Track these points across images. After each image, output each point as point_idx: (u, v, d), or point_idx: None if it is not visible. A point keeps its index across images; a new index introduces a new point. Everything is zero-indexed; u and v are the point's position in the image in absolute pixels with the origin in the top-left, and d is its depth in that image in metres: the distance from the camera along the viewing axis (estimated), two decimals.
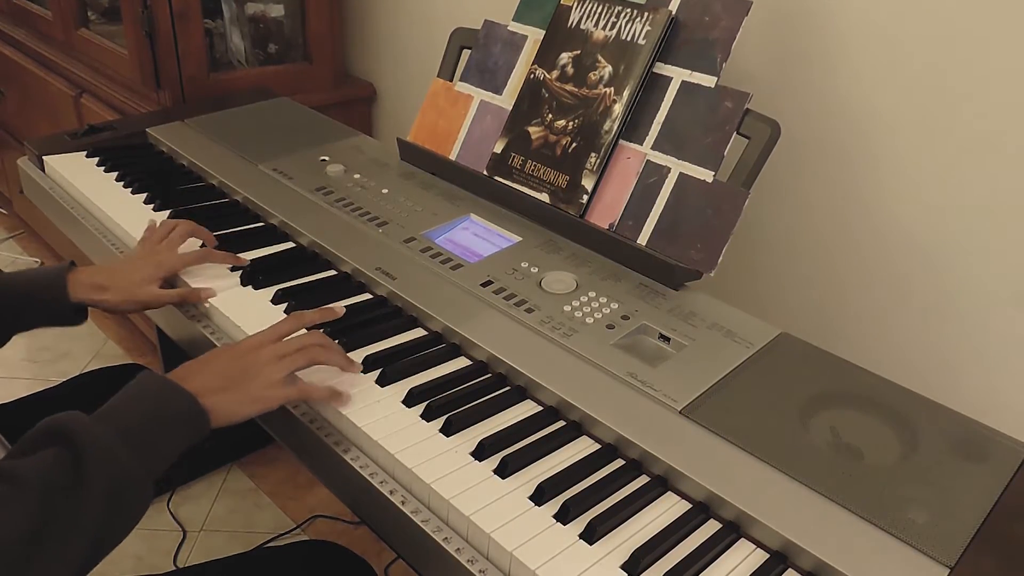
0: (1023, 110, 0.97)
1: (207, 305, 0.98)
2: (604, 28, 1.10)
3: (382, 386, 0.85)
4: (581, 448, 0.80)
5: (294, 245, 1.12)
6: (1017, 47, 0.95)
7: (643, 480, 0.76)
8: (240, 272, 1.03)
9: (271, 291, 1.00)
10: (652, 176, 1.04)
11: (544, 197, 1.12)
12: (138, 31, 1.54)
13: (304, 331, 0.87)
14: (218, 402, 0.74)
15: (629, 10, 1.08)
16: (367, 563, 0.93)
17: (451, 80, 1.27)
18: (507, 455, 0.76)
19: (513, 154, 1.16)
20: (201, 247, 1.06)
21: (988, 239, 1.04)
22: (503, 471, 0.75)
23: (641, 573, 0.66)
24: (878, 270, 1.15)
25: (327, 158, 1.31)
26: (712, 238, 0.98)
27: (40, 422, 0.66)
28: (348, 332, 0.91)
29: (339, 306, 0.93)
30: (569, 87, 1.12)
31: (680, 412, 0.80)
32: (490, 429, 0.80)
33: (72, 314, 0.97)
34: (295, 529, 1.62)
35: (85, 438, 0.64)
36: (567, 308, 0.95)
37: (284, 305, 0.97)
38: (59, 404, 0.70)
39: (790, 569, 0.68)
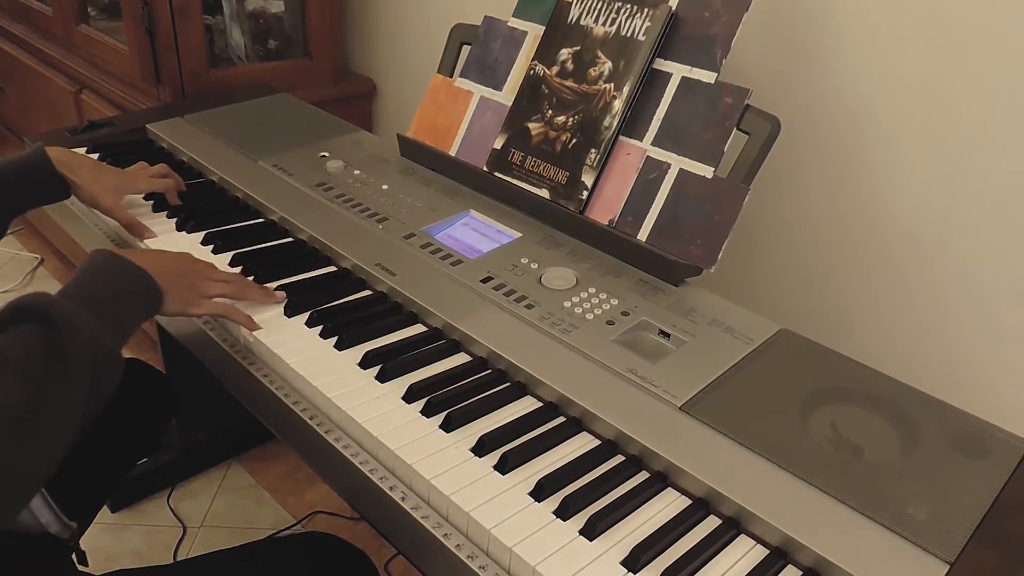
0: (1023, 107, 0.97)
1: None
2: (604, 24, 1.10)
3: (382, 382, 0.85)
4: (581, 444, 0.80)
5: (293, 240, 1.12)
6: (1017, 43, 0.95)
7: (643, 476, 0.76)
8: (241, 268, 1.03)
9: (272, 286, 0.99)
10: (652, 172, 1.04)
11: (544, 193, 1.12)
12: (138, 27, 1.54)
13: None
14: (167, 290, 0.82)
15: (629, 6, 1.08)
16: (367, 556, 0.93)
17: (451, 76, 1.27)
18: (507, 451, 0.76)
19: (513, 150, 1.16)
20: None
21: (988, 235, 1.03)
22: (503, 467, 0.75)
23: (641, 569, 0.66)
24: (878, 266, 1.15)
25: (327, 154, 1.31)
26: (712, 234, 0.98)
27: (5, 305, 0.66)
28: (348, 328, 0.91)
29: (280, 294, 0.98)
30: (569, 83, 1.12)
31: (680, 408, 0.80)
32: (490, 425, 0.80)
33: (60, 189, 1.06)
34: (295, 525, 1.62)
35: (59, 313, 0.65)
36: (567, 304, 0.95)
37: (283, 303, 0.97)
38: None
39: (790, 565, 0.68)
